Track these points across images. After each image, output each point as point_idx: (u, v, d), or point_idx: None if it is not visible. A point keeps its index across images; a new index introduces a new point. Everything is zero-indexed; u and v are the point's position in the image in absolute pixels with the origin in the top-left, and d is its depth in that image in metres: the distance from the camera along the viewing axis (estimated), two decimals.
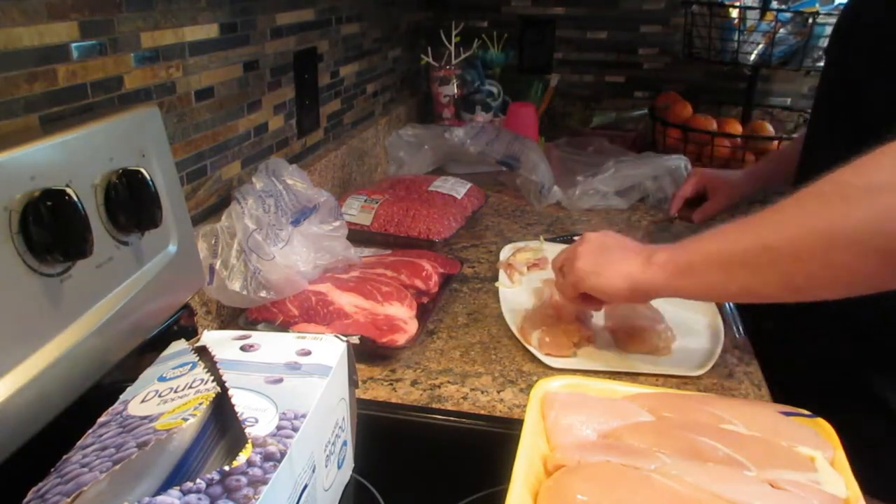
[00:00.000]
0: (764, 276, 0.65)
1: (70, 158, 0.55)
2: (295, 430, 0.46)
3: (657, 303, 0.94)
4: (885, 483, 0.76)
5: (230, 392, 0.48)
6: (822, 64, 1.54)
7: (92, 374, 0.57)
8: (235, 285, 0.84)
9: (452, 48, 1.72)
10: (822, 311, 0.81)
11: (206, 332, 0.59)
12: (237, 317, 0.91)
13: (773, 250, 0.63)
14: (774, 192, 1.40)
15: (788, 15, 1.50)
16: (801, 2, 1.53)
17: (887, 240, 0.55)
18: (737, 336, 0.91)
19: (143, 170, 0.61)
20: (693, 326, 0.92)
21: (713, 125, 1.54)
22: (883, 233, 0.56)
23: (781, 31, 1.51)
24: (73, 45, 0.66)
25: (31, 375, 0.49)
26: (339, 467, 0.57)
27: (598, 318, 0.94)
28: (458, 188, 1.33)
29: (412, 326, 0.88)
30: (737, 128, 1.55)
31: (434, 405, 0.77)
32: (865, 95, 0.80)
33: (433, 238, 1.17)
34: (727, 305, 1.00)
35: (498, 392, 0.80)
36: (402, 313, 0.90)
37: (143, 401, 0.48)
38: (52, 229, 0.50)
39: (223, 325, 0.91)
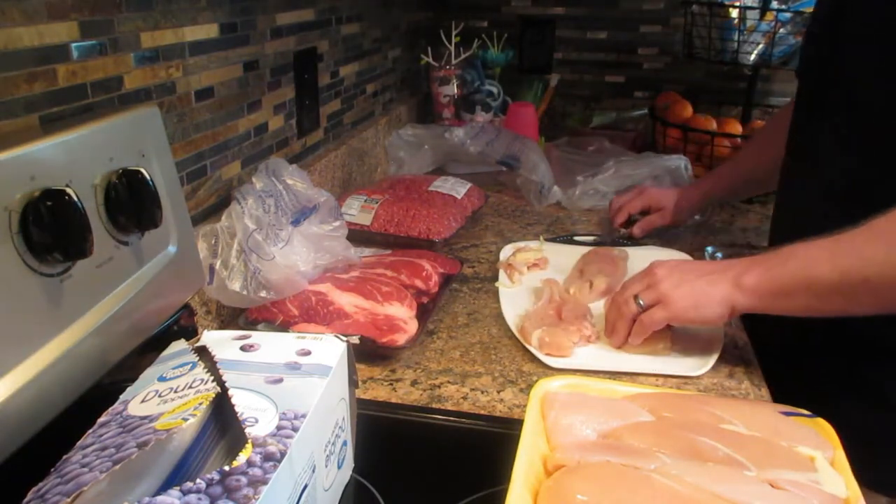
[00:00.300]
0: (861, 301, 0.71)
1: (70, 158, 0.55)
2: (295, 430, 0.46)
3: None
4: (886, 477, 0.76)
5: (230, 392, 0.48)
6: None
7: (92, 374, 0.57)
8: (235, 285, 0.84)
9: (452, 48, 1.72)
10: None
11: (206, 332, 0.59)
12: (237, 317, 0.91)
13: (871, 281, 0.69)
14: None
15: (788, 15, 1.50)
16: (801, 2, 1.53)
17: None
18: (733, 327, 0.91)
19: (143, 170, 0.61)
20: (693, 326, 0.92)
21: (713, 125, 1.54)
22: None
23: (781, 31, 1.51)
24: (73, 45, 0.66)
25: (31, 375, 0.49)
26: (339, 467, 0.57)
27: (598, 318, 0.94)
28: (458, 188, 1.33)
29: (412, 326, 0.88)
30: (737, 128, 1.55)
31: (434, 405, 0.77)
32: (862, 95, 0.80)
33: (433, 238, 1.17)
34: None
35: (498, 392, 0.80)
36: (402, 313, 0.90)
37: (143, 401, 0.48)
38: (52, 229, 0.50)
39: (223, 325, 0.91)
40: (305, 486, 0.47)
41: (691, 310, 0.79)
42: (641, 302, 0.82)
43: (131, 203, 0.60)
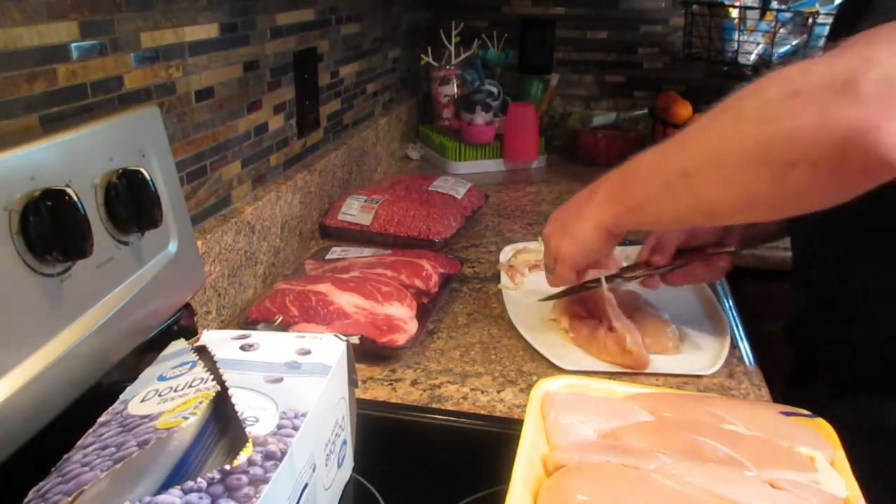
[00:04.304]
0: (684, 200, 0.66)
1: (70, 158, 0.55)
2: (295, 429, 0.46)
3: (660, 302, 0.94)
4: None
5: (230, 391, 0.48)
6: None
7: (92, 374, 0.57)
8: None
9: (452, 48, 1.72)
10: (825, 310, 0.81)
11: (205, 331, 0.59)
12: (237, 317, 0.91)
13: (686, 174, 0.64)
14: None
15: (788, 15, 1.50)
16: (801, 2, 1.53)
17: (774, 154, 0.55)
18: (743, 354, 0.91)
19: (143, 170, 0.61)
20: (698, 324, 0.92)
21: None
22: (770, 148, 0.56)
23: (781, 31, 1.51)
24: (73, 45, 0.66)
25: (31, 375, 0.49)
26: (339, 466, 0.57)
27: None
28: (458, 188, 1.34)
29: (412, 326, 0.88)
30: None
31: (434, 405, 0.77)
32: None
33: (433, 238, 1.17)
34: (727, 306, 1.00)
35: (498, 392, 0.80)
36: (402, 313, 0.90)
37: (143, 400, 0.48)
38: (53, 229, 0.50)
39: (223, 325, 0.91)
40: (306, 485, 0.48)
41: (564, 241, 0.81)
42: (549, 269, 0.86)
43: (131, 203, 0.60)
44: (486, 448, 0.65)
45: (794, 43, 1.52)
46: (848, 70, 0.50)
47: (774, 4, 1.53)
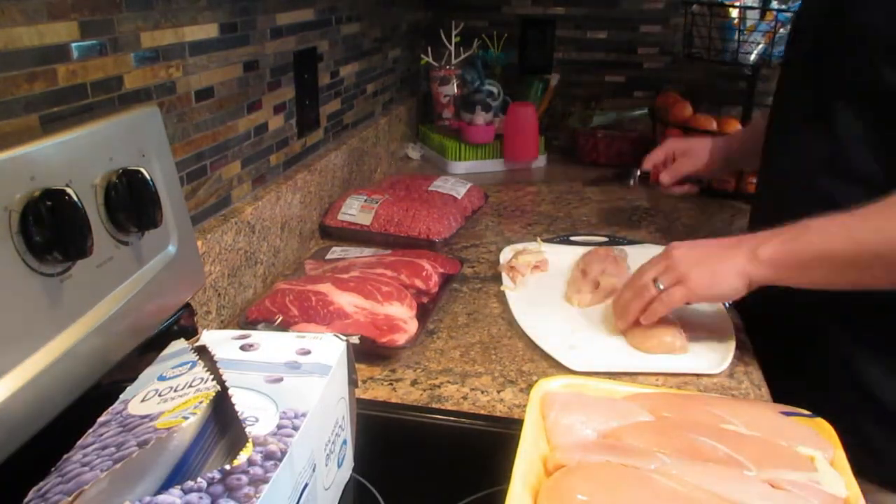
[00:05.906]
0: (875, 275, 0.71)
1: (70, 158, 0.55)
2: (295, 428, 0.46)
3: None
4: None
5: (230, 391, 0.48)
6: None
7: (92, 374, 0.57)
8: None
9: (452, 48, 1.72)
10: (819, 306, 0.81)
11: (205, 331, 0.59)
12: (237, 317, 0.91)
13: (884, 256, 0.69)
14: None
15: (788, 15, 1.50)
16: (800, 1, 1.52)
17: None
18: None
19: (143, 170, 0.61)
20: (703, 324, 0.92)
21: (713, 125, 1.54)
22: None
23: (781, 31, 1.51)
24: (73, 45, 0.66)
25: (31, 375, 0.49)
26: (338, 466, 0.57)
27: (601, 315, 0.94)
28: (458, 188, 1.34)
29: (412, 326, 0.88)
30: (737, 128, 1.55)
31: (434, 405, 0.77)
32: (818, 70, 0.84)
33: (433, 238, 1.17)
34: (727, 305, 1.00)
35: (498, 392, 0.80)
36: (402, 313, 0.90)
37: (143, 400, 0.48)
38: (52, 229, 0.50)
39: (223, 326, 0.91)
40: (306, 485, 0.48)
41: (709, 287, 0.79)
42: (661, 285, 0.82)
43: (131, 203, 0.60)
44: (486, 448, 0.66)
45: None
46: None
47: (774, 4, 1.53)
